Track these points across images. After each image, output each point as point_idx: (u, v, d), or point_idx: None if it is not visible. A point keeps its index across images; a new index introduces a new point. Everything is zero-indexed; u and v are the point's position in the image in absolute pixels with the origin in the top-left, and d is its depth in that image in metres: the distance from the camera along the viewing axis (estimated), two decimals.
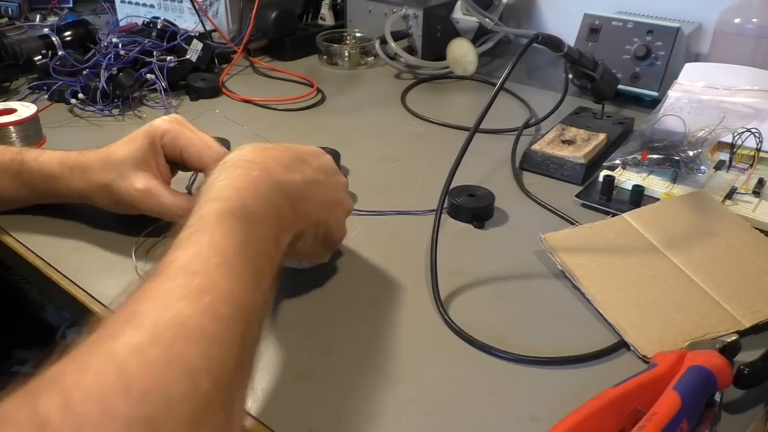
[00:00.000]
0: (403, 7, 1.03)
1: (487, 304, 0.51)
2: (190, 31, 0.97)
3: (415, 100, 0.92)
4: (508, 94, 0.94)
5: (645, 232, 0.55)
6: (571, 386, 0.43)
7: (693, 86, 0.77)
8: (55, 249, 0.57)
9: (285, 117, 0.87)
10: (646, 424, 0.35)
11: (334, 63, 1.07)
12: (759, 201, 0.62)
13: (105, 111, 0.84)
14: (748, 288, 0.48)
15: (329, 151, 0.70)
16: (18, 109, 0.75)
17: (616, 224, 0.57)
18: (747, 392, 0.42)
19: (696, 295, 0.48)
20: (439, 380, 0.43)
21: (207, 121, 0.83)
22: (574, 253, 0.53)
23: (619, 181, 0.65)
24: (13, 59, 0.91)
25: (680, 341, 0.44)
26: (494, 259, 0.56)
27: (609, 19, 0.91)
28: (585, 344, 0.46)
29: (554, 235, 0.56)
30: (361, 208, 0.63)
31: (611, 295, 0.49)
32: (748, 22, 0.85)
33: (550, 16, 1.19)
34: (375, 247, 0.57)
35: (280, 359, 0.45)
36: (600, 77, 0.78)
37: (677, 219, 0.56)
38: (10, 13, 1.23)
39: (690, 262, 0.51)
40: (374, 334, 0.47)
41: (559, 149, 0.71)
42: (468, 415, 0.41)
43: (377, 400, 0.42)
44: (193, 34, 0.96)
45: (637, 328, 0.46)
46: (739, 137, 0.66)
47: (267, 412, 0.41)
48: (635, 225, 0.56)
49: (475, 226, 0.61)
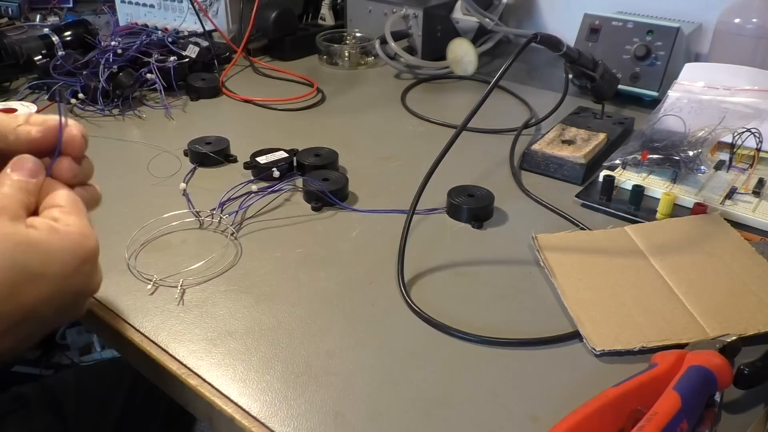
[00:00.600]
0: (403, 7, 1.03)
1: (488, 303, 0.51)
2: (184, 31, 0.97)
3: (415, 100, 0.92)
4: (508, 94, 0.94)
5: (641, 243, 0.55)
6: (566, 383, 0.43)
7: (693, 86, 0.77)
8: None
9: (285, 117, 0.87)
10: (646, 424, 0.35)
11: (334, 63, 1.07)
12: (759, 201, 0.62)
13: (105, 111, 0.84)
14: (730, 305, 0.48)
15: (327, 152, 0.70)
16: (18, 109, 0.75)
17: (614, 234, 0.57)
18: (747, 392, 0.42)
19: (669, 305, 0.49)
20: (439, 380, 0.43)
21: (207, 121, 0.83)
22: (561, 252, 0.54)
23: (619, 181, 0.65)
24: (13, 59, 0.91)
25: (636, 342, 0.45)
26: (493, 258, 0.56)
27: (609, 19, 0.91)
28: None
29: (547, 235, 0.56)
30: (361, 208, 0.64)
31: (582, 292, 0.50)
32: (748, 22, 0.85)
33: (550, 16, 1.19)
34: (375, 247, 0.57)
35: (280, 359, 0.45)
36: (600, 77, 0.78)
37: (679, 236, 0.56)
38: (10, 13, 1.23)
39: (676, 274, 0.52)
40: (374, 334, 0.47)
41: (559, 149, 0.71)
42: (468, 415, 0.41)
43: (377, 400, 0.42)
44: (188, 34, 0.96)
45: (594, 324, 0.47)
46: (739, 137, 0.66)
47: (267, 412, 0.41)
48: (633, 236, 0.56)
49: (474, 227, 0.61)
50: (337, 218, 0.62)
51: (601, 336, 0.46)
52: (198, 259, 0.55)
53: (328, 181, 0.64)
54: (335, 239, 0.58)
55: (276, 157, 0.69)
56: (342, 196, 0.64)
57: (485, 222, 0.61)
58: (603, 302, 0.49)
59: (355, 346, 0.46)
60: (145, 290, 0.52)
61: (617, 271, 0.52)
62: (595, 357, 0.45)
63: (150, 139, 0.78)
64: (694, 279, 0.51)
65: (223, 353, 0.45)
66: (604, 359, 0.45)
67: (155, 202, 0.63)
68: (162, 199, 0.64)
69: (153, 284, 0.52)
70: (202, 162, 0.71)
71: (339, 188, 0.64)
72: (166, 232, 0.59)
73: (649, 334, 0.46)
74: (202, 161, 0.71)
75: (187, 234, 0.59)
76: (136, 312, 0.49)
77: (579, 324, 0.47)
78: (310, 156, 0.69)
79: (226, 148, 0.72)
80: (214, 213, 0.61)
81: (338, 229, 0.60)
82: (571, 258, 0.54)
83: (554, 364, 0.45)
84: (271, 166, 0.67)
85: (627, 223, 0.61)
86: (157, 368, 0.46)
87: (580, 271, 0.52)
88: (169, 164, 0.72)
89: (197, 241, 0.58)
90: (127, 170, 0.70)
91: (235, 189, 0.64)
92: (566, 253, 0.54)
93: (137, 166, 0.71)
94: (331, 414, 0.41)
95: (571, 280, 0.51)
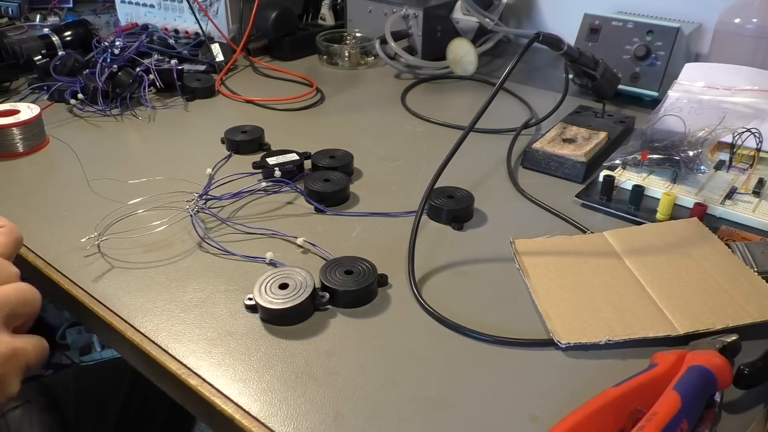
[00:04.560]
0: (403, 7, 1.03)
1: (486, 303, 0.51)
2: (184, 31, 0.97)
3: (415, 100, 0.92)
4: (508, 94, 0.94)
5: (617, 246, 0.56)
6: (566, 383, 0.43)
7: (693, 86, 0.77)
8: (55, 249, 0.57)
9: (285, 117, 0.87)
10: (646, 424, 0.35)
11: (334, 63, 1.07)
12: (759, 201, 0.62)
13: (105, 111, 0.84)
14: (700, 302, 0.48)
15: (342, 153, 0.70)
16: (21, 111, 0.74)
17: (591, 239, 0.58)
18: (747, 392, 0.42)
19: (640, 302, 0.49)
20: (439, 380, 0.43)
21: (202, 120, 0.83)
22: (537, 256, 0.55)
23: (619, 181, 0.65)
24: (13, 59, 0.91)
25: (602, 335, 0.46)
26: (493, 258, 0.56)
27: (609, 19, 0.91)
28: None
29: (525, 240, 0.57)
30: (361, 208, 0.64)
31: (554, 291, 0.51)
32: (748, 22, 0.85)
33: (550, 16, 1.19)
34: (375, 246, 0.57)
35: (280, 359, 0.45)
36: (600, 76, 0.78)
37: (655, 239, 0.57)
38: (10, 13, 1.23)
39: (649, 273, 0.52)
40: (375, 334, 0.47)
41: (560, 147, 0.71)
42: (468, 415, 0.41)
43: (377, 400, 0.42)
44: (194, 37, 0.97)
45: (562, 319, 0.48)
46: (739, 137, 0.66)
47: (267, 412, 0.41)
48: (610, 240, 0.57)
49: (454, 228, 0.60)
50: (337, 218, 0.62)
51: (567, 330, 0.46)
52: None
53: (329, 182, 0.64)
54: (335, 239, 0.58)
55: (286, 159, 0.69)
56: (342, 197, 0.64)
57: (479, 222, 0.61)
58: (573, 299, 0.50)
59: (355, 346, 0.46)
60: (142, 287, 0.52)
61: (591, 272, 0.53)
62: (594, 357, 0.45)
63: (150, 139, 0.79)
64: (666, 278, 0.51)
65: (223, 353, 0.45)
66: (603, 359, 0.45)
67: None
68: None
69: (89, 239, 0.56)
70: (237, 149, 0.74)
71: (339, 190, 0.64)
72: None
73: (616, 328, 0.46)
74: (237, 149, 0.74)
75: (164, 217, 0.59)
76: (136, 312, 0.49)
77: (547, 319, 0.48)
78: (325, 158, 0.69)
79: (260, 136, 0.76)
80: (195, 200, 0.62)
81: (339, 229, 0.60)
82: (546, 260, 0.54)
83: (554, 364, 0.45)
84: (279, 167, 0.67)
85: (628, 223, 0.61)
86: (157, 368, 0.46)
87: (554, 272, 0.53)
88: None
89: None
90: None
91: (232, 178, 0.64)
92: (542, 256, 0.55)
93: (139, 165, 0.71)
94: (331, 414, 0.41)
95: (544, 281, 0.52)
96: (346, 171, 0.68)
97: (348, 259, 0.53)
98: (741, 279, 0.50)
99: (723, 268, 0.52)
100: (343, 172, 0.67)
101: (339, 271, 0.51)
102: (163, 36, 1.02)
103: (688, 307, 0.48)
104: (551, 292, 0.51)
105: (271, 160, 0.68)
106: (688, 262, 0.53)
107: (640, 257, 0.54)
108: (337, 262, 0.52)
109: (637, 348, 0.46)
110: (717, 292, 0.49)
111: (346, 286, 0.49)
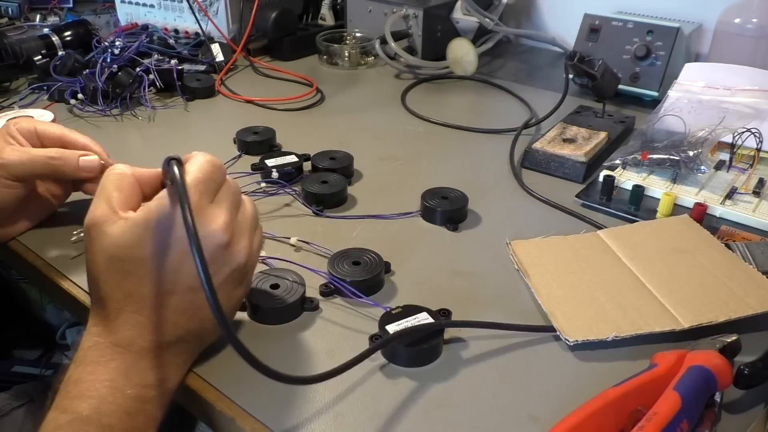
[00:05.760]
0: (403, 7, 1.03)
1: (486, 304, 0.51)
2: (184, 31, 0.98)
3: (415, 100, 0.92)
4: (508, 94, 0.94)
5: (613, 245, 0.56)
6: (566, 383, 0.43)
7: (693, 86, 0.77)
8: (55, 249, 0.57)
9: (285, 117, 0.87)
10: (646, 424, 0.35)
11: (334, 63, 1.07)
12: (759, 201, 0.62)
13: (105, 111, 0.84)
14: (701, 296, 0.49)
15: (342, 155, 0.70)
16: (34, 117, 0.73)
17: (587, 238, 0.58)
18: (747, 392, 0.42)
19: (642, 299, 0.49)
20: (439, 380, 0.43)
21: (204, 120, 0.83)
22: (535, 256, 0.55)
23: (619, 181, 0.65)
24: (13, 59, 0.91)
25: (608, 331, 0.46)
26: (492, 258, 0.56)
27: (609, 19, 0.91)
28: None
29: (521, 241, 0.57)
30: (361, 208, 0.64)
31: (556, 290, 0.51)
32: (748, 22, 0.85)
33: (550, 16, 1.19)
34: (374, 247, 0.57)
35: (280, 359, 0.45)
36: (601, 76, 0.78)
37: (650, 237, 0.57)
38: (10, 13, 1.23)
39: (648, 271, 0.52)
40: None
41: (560, 147, 0.71)
42: (468, 415, 0.41)
43: (377, 400, 0.42)
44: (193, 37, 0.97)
45: (568, 317, 0.48)
46: (739, 137, 0.66)
47: (267, 412, 0.41)
48: (606, 239, 0.57)
49: (449, 229, 0.60)
50: (335, 220, 0.62)
51: (574, 328, 0.46)
52: None
53: (326, 184, 0.64)
54: (336, 239, 0.58)
55: (285, 161, 0.69)
56: (340, 199, 0.64)
57: (474, 222, 0.61)
58: (576, 298, 0.50)
59: (355, 346, 0.46)
60: None
61: (590, 270, 0.53)
62: (594, 357, 0.45)
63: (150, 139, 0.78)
64: (665, 274, 0.51)
65: (223, 353, 0.45)
66: (603, 359, 0.45)
67: None
68: None
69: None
70: (247, 150, 0.74)
71: (337, 192, 0.63)
72: None
73: (622, 325, 0.46)
74: (247, 149, 0.74)
75: None
76: None
77: (552, 318, 0.48)
78: (325, 159, 0.69)
79: (272, 137, 0.76)
80: None
81: (339, 229, 0.60)
82: (544, 260, 0.54)
83: (555, 364, 0.45)
84: (277, 169, 0.67)
85: (627, 223, 0.61)
86: None
87: (553, 271, 0.53)
88: None
89: None
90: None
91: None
92: (540, 257, 0.55)
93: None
94: (331, 414, 0.41)
95: (545, 280, 0.52)
96: (345, 173, 0.68)
97: (355, 250, 0.54)
98: (738, 272, 0.51)
99: (719, 262, 0.52)
100: (343, 173, 0.67)
101: (347, 262, 0.52)
102: (163, 36, 1.02)
103: (689, 301, 0.48)
104: (553, 292, 0.51)
105: (270, 161, 0.68)
106: (684, 258, 0.53)
107: (636, 255, 0.54)
108: (343, 254, 0.54)
109: (638, 347, 0.46)
110: (716, 286, 0.49)
111: (354, 276, 0.51)
